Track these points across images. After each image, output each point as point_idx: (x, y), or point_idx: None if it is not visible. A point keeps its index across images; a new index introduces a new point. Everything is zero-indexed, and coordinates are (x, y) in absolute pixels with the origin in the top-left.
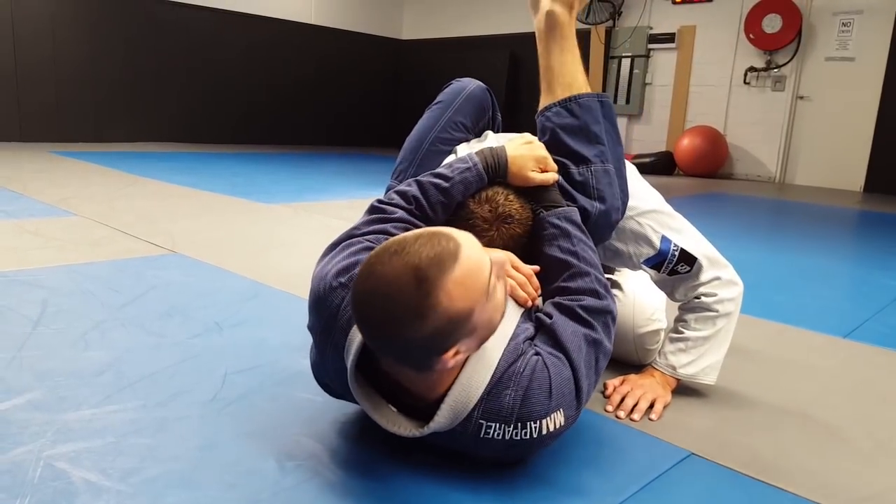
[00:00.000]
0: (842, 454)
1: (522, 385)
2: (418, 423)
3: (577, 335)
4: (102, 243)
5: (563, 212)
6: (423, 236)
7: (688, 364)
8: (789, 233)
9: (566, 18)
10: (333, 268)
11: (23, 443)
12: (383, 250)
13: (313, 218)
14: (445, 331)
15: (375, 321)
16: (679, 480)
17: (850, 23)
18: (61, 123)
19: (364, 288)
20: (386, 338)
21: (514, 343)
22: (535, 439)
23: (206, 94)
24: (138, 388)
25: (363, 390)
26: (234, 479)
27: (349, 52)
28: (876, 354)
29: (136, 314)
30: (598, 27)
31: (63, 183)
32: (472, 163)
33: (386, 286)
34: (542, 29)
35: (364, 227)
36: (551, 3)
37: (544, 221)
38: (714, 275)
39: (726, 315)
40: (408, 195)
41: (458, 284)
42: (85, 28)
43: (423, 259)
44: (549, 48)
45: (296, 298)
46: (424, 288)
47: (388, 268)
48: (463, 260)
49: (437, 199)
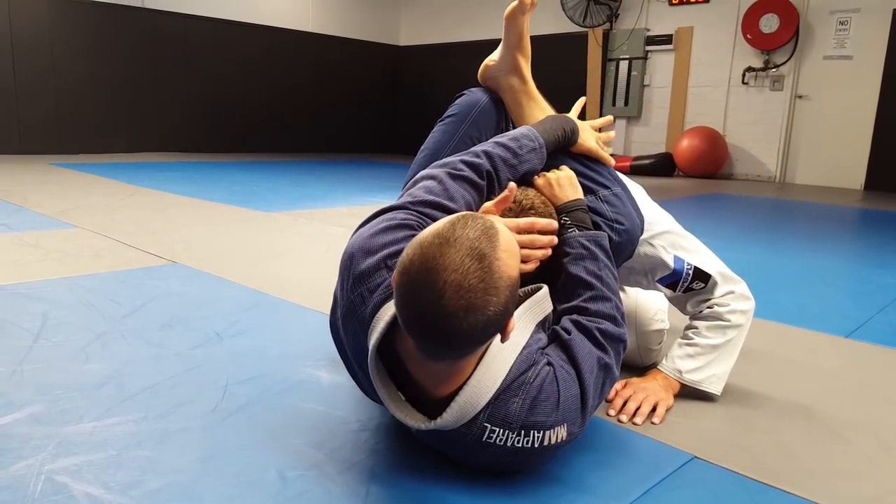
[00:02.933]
0: (845, 455)
1: (531, 394)
2: (425, 417)
3: (591, 356)
4: (102, 255)
5: (595, 235)
6: (457, 222)
7: (694, 370)
8: (790, 232)
9: (522, 85)
10: (384, 248)
11: (24, 457)
12: (429, 245)
13: (313, 226)
14: (510, 300)
15: (450, 312)
16: (682, 484)
17: (848, 21)
18: (60, 135)
19: (427, 286)
20: (463, 329)
21: (526, 352)
22: (535, 449)
23: (205, 103)
24: (139, 399)
25: (381, 374)
26: (235, 490)
27: (347, 59)
28: (878, 354)
29: (137, 325)
30: (595, 30)
31: (63, 195)
32: (538, 143)
33: (453, 274)
34: (510, 102)
35: (419, 205)
36: (506, 77)
37: (574, 240)
38: (728, 289)
39: (737, 327)
40: (481, 169)
41: (505, 251)
42: (83, 39)
43: (472, 239)
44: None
45: (296, 307)
46: (486, 263)
47: (447, 258)
48: (500, 230)
49: (506, 176)
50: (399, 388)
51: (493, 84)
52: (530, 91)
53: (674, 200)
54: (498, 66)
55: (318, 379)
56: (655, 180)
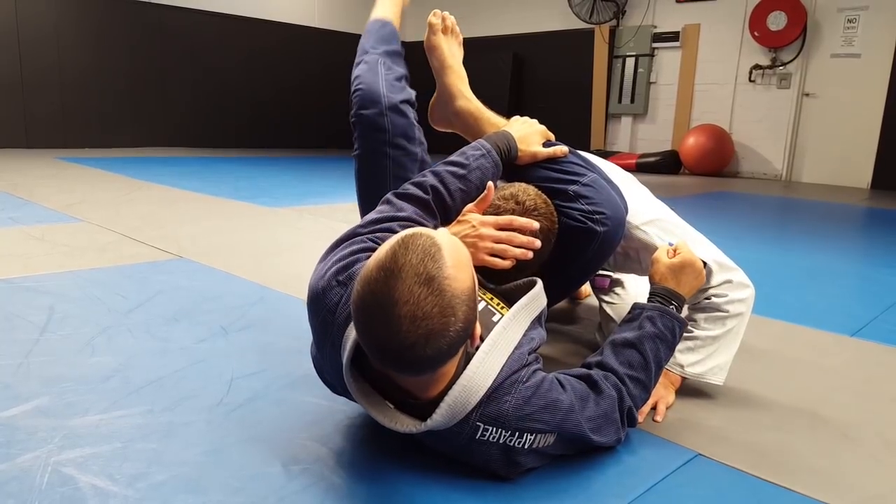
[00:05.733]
0: (850, 453)
1: (525, 394)
2: (415, 420)
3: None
4: (108, 249)
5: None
6: (398, 248)
7: (696, 363)
8: (796, 231)
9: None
10: (333, 266)
11: (30, 449)
12: (374, 281)
13: (318, 221)
14: (469, 313)
15: (410, 343)
16: (685, 481)
17: (856, 19)
18: (67, 130)
19: (381, 322)
20: (428, 356)
21: (518, 352)
22: (525, 450)
23: (211, 98)
24: (145, 393)
25: (359, 386)
26: (240, 483)
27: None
28: (884, 353)
29: (143, 319)
30: (601, 26)
31: (69, 189)
32: (485, 149)
33: (405, 307)
34: (461, 131)
35: (369, 226)
36: (451, 106)
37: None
38: (725, 277)
39: (737, 315)
40: (425, 185)
41: (454, 266)
42: (89, 34)
43: (416, 264)
44: (475, 136)
45: (301, 302)
46: (436, 286)
47: (396, 291)
48: (442, 244)
49: (456, 187)
50: (385, 395)
51: (445, 124)
52: (475, 111)
53: (679, 198)
54: (437, 102)
55: None
56: (661, 178)
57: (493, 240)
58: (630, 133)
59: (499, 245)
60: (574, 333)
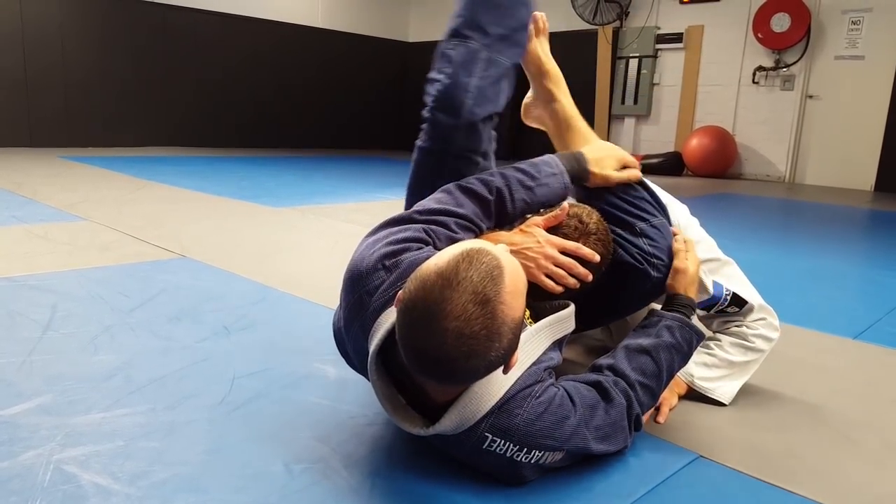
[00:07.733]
0: (851, 456)
1: (537, 410)
2: (425, 421)
3: (609, 418)
4: (111, 247)
5: (694, 333)
6: (462, 260)
7: (707, 378)
8: (799, 233)
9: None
10: (381, 248)
11: (33, 446)
12: (431, 286)
13: (321, 221)
14: (513, 341)
15: (450, 358)
16: (687, 483)
17: (860, 21)
18: (70, 129)
19: (427, 329)
20: (463, 371)
21: (535, 368)
22: (532, 465)
23: (214, 98)
24: (147, 391)
25: (380, 380)
26: (242, 482)
27: (356, 55)
28: (886, 355)
29: (145, 318)
30: (605, 27)
31: (72, 188)
32: (559, 169)
33: (454, 322)
34: (551, 135)
35: (426, 215)
36: (543, 109)
37: (675, 321)
38: (762, 315)
39: (758, 351)
40: (491, 186)
41: (510, 293)
42: (93, 34)
43: (476, 283)
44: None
45: (303, 301)
46: (489, 309)
47: (449, 304)
48: (505, 268)
49: (521, 197)
50: (400, 389)
51: (538, 123)
52: (569, 119)
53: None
54: (533, 102)
55: (324, 373)
56: (664, 179)
57: (554, 262)
58: (633, 134)
59: (558, 270)
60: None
